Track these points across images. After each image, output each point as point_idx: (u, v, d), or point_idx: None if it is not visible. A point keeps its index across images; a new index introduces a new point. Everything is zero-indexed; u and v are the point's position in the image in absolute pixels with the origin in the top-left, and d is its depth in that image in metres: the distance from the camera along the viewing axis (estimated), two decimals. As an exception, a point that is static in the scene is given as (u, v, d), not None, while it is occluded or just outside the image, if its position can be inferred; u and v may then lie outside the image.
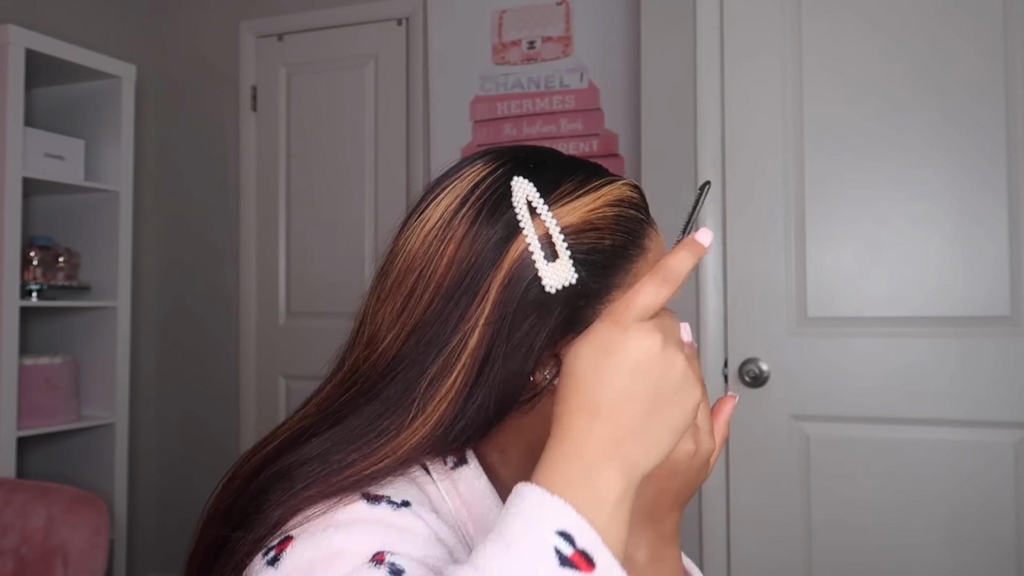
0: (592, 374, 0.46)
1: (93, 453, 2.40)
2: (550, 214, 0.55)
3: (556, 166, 0.59)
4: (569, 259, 0.54)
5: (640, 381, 0.46)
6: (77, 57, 2.27)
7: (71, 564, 1.59)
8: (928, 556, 1.64)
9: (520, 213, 0.55)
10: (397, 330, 0.56)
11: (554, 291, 0.54)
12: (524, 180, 0.56)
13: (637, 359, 0.46)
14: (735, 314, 1.77)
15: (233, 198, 2.75)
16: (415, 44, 2.52)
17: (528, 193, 0.55)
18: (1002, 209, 1.62)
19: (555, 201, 0.56)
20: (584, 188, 0.58)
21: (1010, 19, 1.62)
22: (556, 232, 0.55)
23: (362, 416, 0.55)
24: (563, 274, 0.54)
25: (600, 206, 0.57)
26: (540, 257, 0.54)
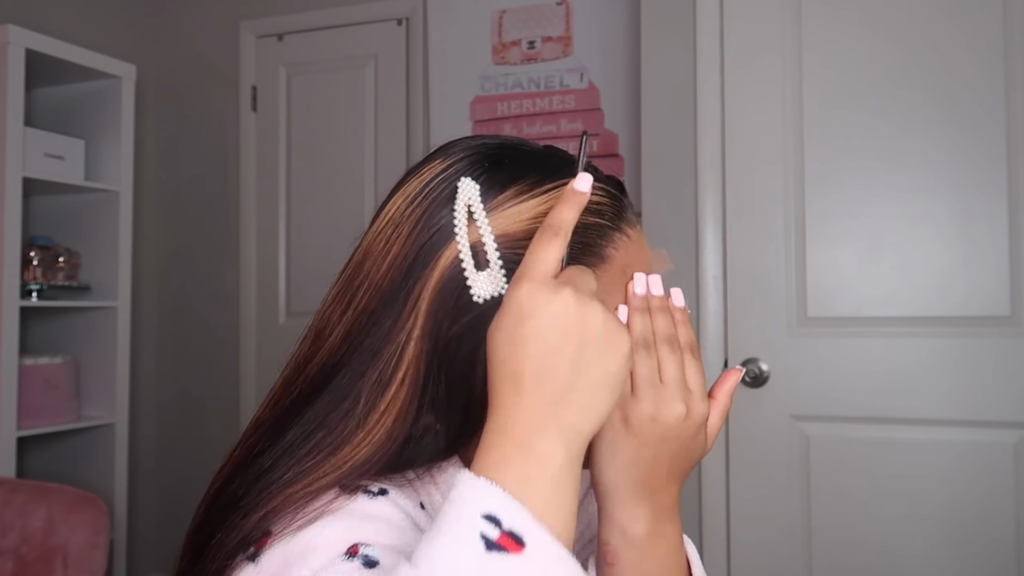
0: (509, 346, 0.45)
1: (93, 453, 2.40)
2: (486, 220, 0.52)
3: (512, 164, 0.55)
4: (500, 269, 0.52)
5: (558, 340, 0.44)
6: (77, 57, 2.27)
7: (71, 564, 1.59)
8: (928, 556, 1.64)
9: (458, 217, 0.53)
10: (340, 330, 0.55)
11: (482, 300, 0.52)
12: (470, 181, 0.54)
13: (550, 319, 0.45)
14: (735, 314, 1.77)
15: (233, 198, 2.75)
16: (415, 44, 2.52)
17: (470, 197, 0.53)
18: (1002, 209, 1.62)
19: (499, 205, 0.53)
20: (531, 192, 0.54)
21: (1010, 19, 1.62)
22: (489, 239, 0.52)
23: (300, 428, 0.53)
24: (492, 284, 0.52)
25: (544, 213, 0.53)
26: (470, 264, 0.52)
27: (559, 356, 0.44)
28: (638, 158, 2.04)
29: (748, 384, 1.75)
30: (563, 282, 0.46)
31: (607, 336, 0.46)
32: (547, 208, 0.53)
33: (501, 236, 0.52)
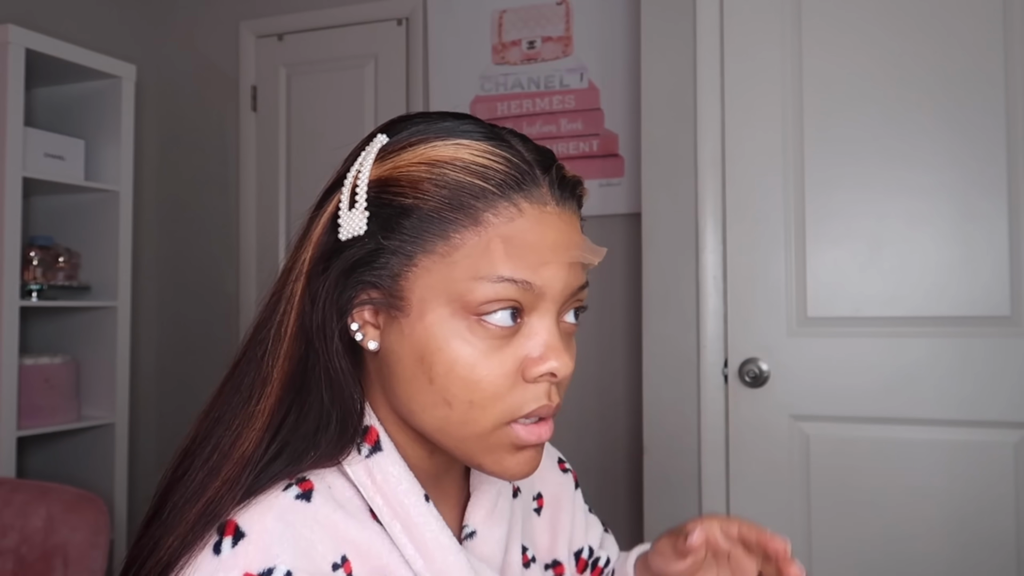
0: None
1: (93, 453, 2.40)
2: (368, 164, 0.55)
3: (423, 126, 0.57)
4: (365, 210, 0.54)
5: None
6: (77, 57, 2.27)
7: (71, 564, 1.59)
8: (928, 556, 1.64)
9: (355, 164, 0.56)
10: (273, 289, 0.59)
11: (344, 238, 0.54)
12: (383, 136, 0.57)
13: None
14: (735, 314, 1.77)
15: (233, 198, 2.75)
16: (415, 44, 2.52)
17: (373, 147, 0.56)
18: (1002, 209, 1.62)
19: (385, 155, 0.56)
20: (418, 144, 0.55)
21: (1010, 19, 1.62)
22: (363, 181, 0.55)
23: (237, 389, 0.58)
24: (354, 223, 0.54)
25: (415, 163, 0.54)
26: (345, 205, 0.55)
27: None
28: (638, 158, 2.04)
29: (748, 384, 1.75)
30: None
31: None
32: (419, 159, 0.54)
33: (373, 180, 0.55)
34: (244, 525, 0.50)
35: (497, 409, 0.54)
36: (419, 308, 0.53)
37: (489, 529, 0.62)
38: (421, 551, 0.55)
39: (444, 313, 0.53)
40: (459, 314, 0.53)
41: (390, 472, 0.55)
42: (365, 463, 0.56)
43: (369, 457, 0.56)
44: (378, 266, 0.54)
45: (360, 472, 0.55)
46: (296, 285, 0.56)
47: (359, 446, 0.56)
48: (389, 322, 0.55)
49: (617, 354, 2.23)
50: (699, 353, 1.80)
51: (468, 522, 0.62)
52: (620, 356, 2.22)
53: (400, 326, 0.54)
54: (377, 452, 0.56)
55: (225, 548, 0.49)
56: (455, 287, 0.52)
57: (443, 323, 0.53)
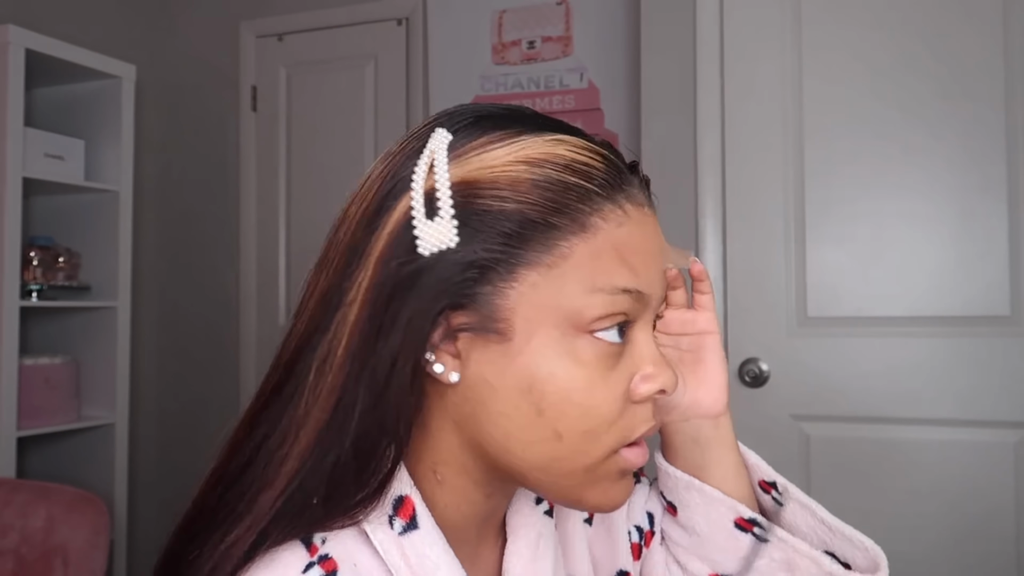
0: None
1: (93, 453, 2.40)
2: (446, 166, 0.46)
3: (497, 118, 0.49)
4: (452, 219, 0.45)
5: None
6: (77, 57, 2.27)
7: (71, 564, 1.59)
8: (928, 556, 1.64)
9: (419, 166, 0.47)
10: (316, 295, 0.49)
11: (427, 253, 0.45)
12: (443, 131, 0.48)
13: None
14: (735, 314, 1.77)
15: (233, 198, 2.75)
16: (415, 44, 2.52)
17: (438, 145, 0.47)
18: (1002, 209, 1.62)
19: (463, 154, 0.47)
20: (504, 141, 0.47)
21: (1011, 18, 1.62)
22: (443, 186, 0.46)
23: (279, 415, 0.48)
24: (440, 234, 0.45)
25: (511, 163, 0.46)
26: (420, 213, 0.45)
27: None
28: (638, 158, 2.04)
29: (748, 384, 1.75)
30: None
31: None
32: (515, 158, 0.47)
33: (459, 184, 0.46)
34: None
35: (611, 437, 0.48)
36: (524, 331, 0.46)
37: (533, 575, 0.55)
38: None
39: (554, 334, 0.46)
40: (570, 333, 0.46)
41: (426, 555, 0.48)
42: (398, 541, 0.48)
43: (403, 535, 0.48)
44: (470, 284, 0.46)
45: (392, 551, 0.47)
46: (349, 312, 0.46)
47: (392, 520, 0.48)
48: (479, 349, 0.47)
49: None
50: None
51: (508, 573, 0.55)
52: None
53: (497, 353, 0.46)
54: (413, 530, 0.48)
55: None
56: (567, 303, 0.46)
57: (554, 345, 0.46)
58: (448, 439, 0.50)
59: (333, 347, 0.47)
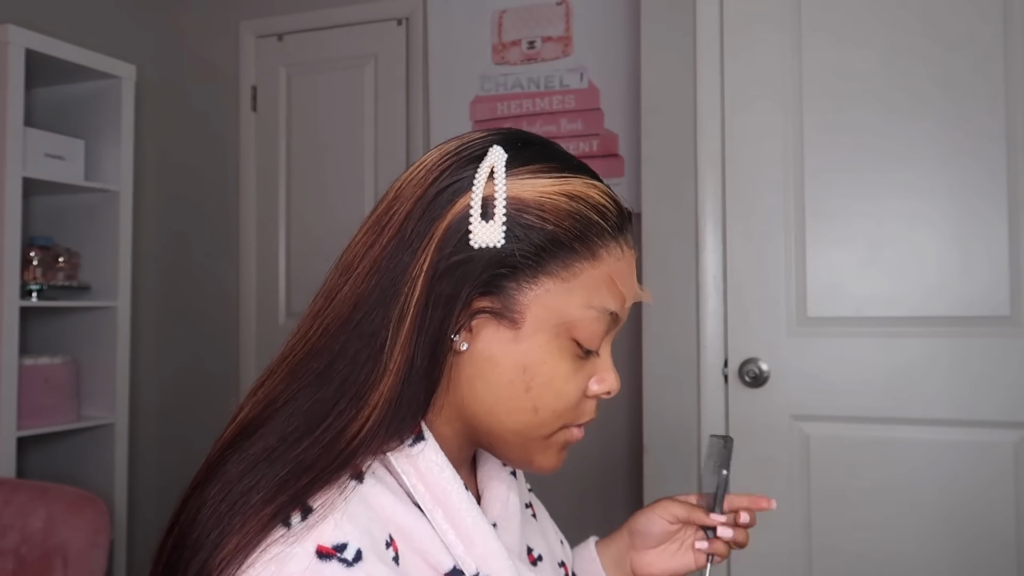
0: None
1: (93, 453, 2.40)
2: (504, 180, 0.57)
3: (543, 150, 0.61)
4: (503, 224, 0.56)
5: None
6: (77, 57, 2.27)
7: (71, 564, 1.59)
8: (928, 556, 1.64)
9: (479, 172, 0.57)
10: (366, 263, 0.58)
11: (476, 246, 0.56)
12: (499, 149, 0.59)
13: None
14: (735, 314, 1.77)
15: (233, 198, 2.75)
16: (415, 44, 2.52)
17: (496, 159, 0.58)
18: (1002, 208, 1.62)
19: (517, 174, 0.58)
20: (550, 173, 0.59)
21: (1010, 19, 1.62)
22: (501, 196, 0.57)
23: (343, 366, 0.56)
24: (490, 234, 0.56)
25: (555, 193, 0.58)
26: (477, 212, 0.56)
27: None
28: (638, 158, 2.04)
29: (748, 384, 1.75)
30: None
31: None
32: (560, 189, 0.58)
33: (512, 198, 0.57)
34: (310, 502, 0.52)
35: (567, 417, 0.61)
36: (532, 324, 0.58)
37: (507, 520, 0.65)
38: (462, 537, 0.57)
39: (551, 333, 0.58)
40: (562, 335, 0.59)
41: (433, 461, 0.58)
42: (408, 451, 0.57)
43: (412, 446, 0.58)
44: (500, 278, 0.57)
45: (403, 460, 0.57)
46: (415, 285, 0.56)
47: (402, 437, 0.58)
48: (491, 329, 0.58)
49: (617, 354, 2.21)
50: (699, 353, 1.80)
51: (488, 516, 0.64)
52: (620, 356, 2.21)
53: (506, 336, 0.58)
54: (420, 442, 0.58)
55: (295, 522, 0.51)
56: (568, 311, 0.58)
57: (551, 341, 0.58)
58: (445, 394, 0.60)
59: (404, 314, 0.56)
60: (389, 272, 0.57)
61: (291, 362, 0.59)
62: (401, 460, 0.57)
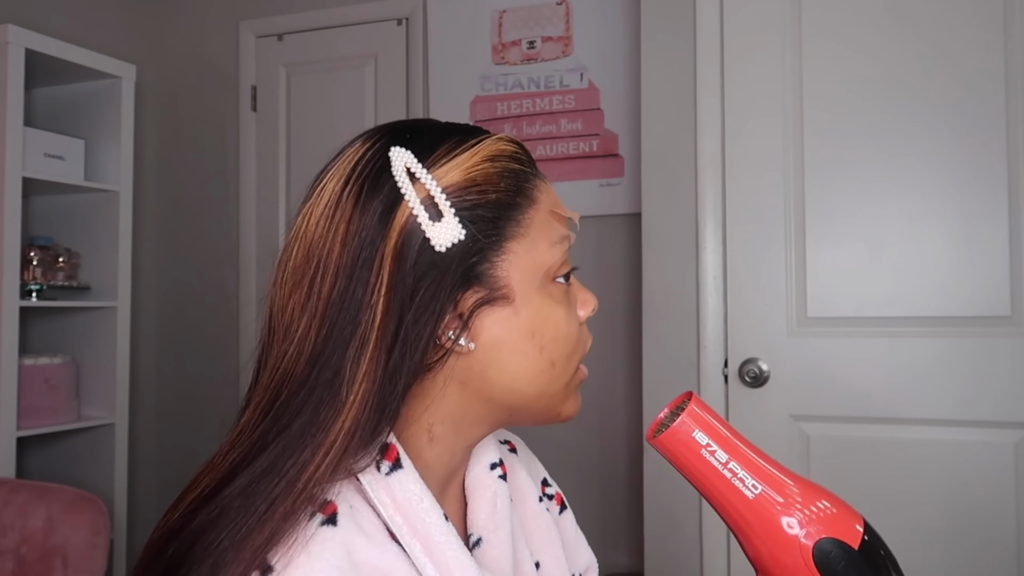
0: None
1: (93, 453, 2.40)
2: (429, 176, 0.56)
3: (431, 132, 0.60)
4: (454, 216, 0.55)
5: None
6: (77, 57, 2.27)
7: (71, 564, 1.59)
8: (928, 556, 1.64)
9: (400, 180, 0.56)
10: (308, 317, 0.55)
11: (443, 249, 0.55)
12: (401, 149, 0.57)
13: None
14: (735, 314, 1.77)
15: (233, 198, 2.75)
16: (415, 44, 2.52)
17: (406, 160, 0.56)
18: (1003, 208, 1.62)
19: (433, 163, 0.57)
20: (460, 148, 0.58)
21: (1010, 19, 1.62)
22: (438, 192, 0.56)
23: (305, 414, 0.53)
24: (450, 232, 0.55)
25: (478, 162, 0.58)
26: (425, 219, 0.55)
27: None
28: (638, 158, 2.04)
29: (748, 384, 1.75)
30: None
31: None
32: (479, 158, 0.58)
33: (447, 188, 0.56)
34: (269, 558, 0.50)
35: (577, 355, 0.62)
36: (521, 290, 0.58)
37: (494, 532, 0.63)
38: (442, 571, 0.55)
39: (537, 285, 0.59)
40: (546, 283, 0.60)
41: (411, 490, 0.55)
42: (385, 481, 0.55)
43: (389, 475, 0.55)
44: (474, 266, 0.57)
45: (380, 490, 0.55)
46: (374, 313, 0.54)
47: (378, 464, 0.55)
48: (489, 316, 0.57)
49: (617, 354, 2.23)
50: (699, 353, 1.80)
51: (472, 529, 0.63)
52: (620, 356, 2.22)
53: (505, 314, 0.58)
54: (397, 470, 0.56)
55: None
56: (541, 260, 0.59)
57: (541, 294, 0.59)
58: (452, 398, 0.59)
59: (364, 342, 0.54)
60: (344, 312, 0.54)
61: (247, 434, 0.55)
62: (379, 490, 0.55)
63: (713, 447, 0.57)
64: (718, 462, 0.57)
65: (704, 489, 0.59)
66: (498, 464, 0.67)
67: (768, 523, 0.58)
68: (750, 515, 0.58)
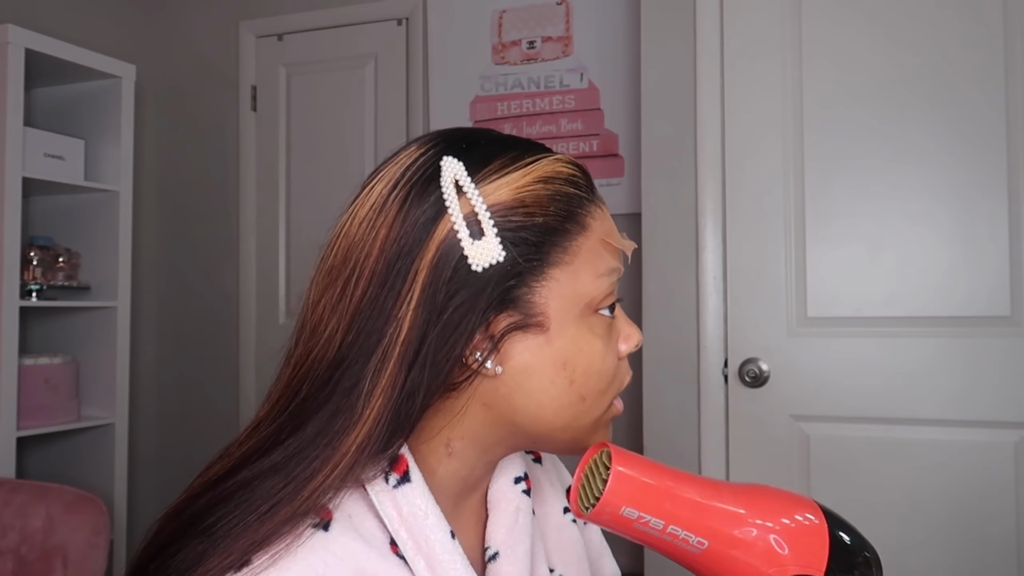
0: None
1: (93, 453, 2.40)
2: (476, 192, 0.54)
3: (489, 144, 0.58)
4: (496, 236, 0.53)
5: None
6: (77, 57, 2.27)
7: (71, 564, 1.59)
8: (928, 556, 1.64)
9: (447, 192, 0.54)
10: (337, 319, 0.54)
11: (480, 269, 0.53)
12: (453, 159, 0.55)
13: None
14: (735, 314, 1.77)
15: (233, 198, 2.75)
16: (415, 44, 2.52)
17: (456, 172, 0.54)
18: (1002, 208, 1.62)
19: (483, 179, 0.55)
20: (514, 165, 0.56)
21: (1010, 19, 1.62)
22: (482, 210, 0.54)
23: (320, 419, 0.53)
24: (490, 252, 0.53)
25: (530, 183, 0.56)
26: (465, 235, 0.53)
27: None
28: (638, 158, 2.04)
29: (748, 384, 1.75)
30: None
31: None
32: (531, 178, 0.56)
33: (493, 206, 0.54)
34: (253, 557, 0.50)
35: (612, 391, 0.60)
36: (557, 319, 0.56)
37: (511, 548, 0.62)
38: None
39: (576, 315, 0.56)
40: (586, 314, 0.57)
41: (417, 505, 0.54)
42: (392, 494, 0.54)
43: (397, 488, 0.54)
44: (511, 290, 0.54)
45: (386, 503, 0.54)
46: (400, 327, 0.53)
47: (387, 475, 0.55)
48: (520, 342, 0.55)
49: (617, 354, 2.22)
50: (699, 353, 1.80)
51: (490, 542, 0.62)
52: (620, 356, 2.22)
53: (538, 342, 0.55)
54: (405, 483, 0.55)
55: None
56: (584, 291, 0.56)
57: (579, 326, 0.56)
58: (474, 417, 0.57)
59: (387, 356, 0.53)
60: (371, 320, 0.53)
61: (264, 427, 0.55)
62: (385, 503, 0.54)
63: (646, 518, 0.52)
64: (655, 531, 0.53)
65: (654, 548, 0.55)
66: (523, 479, 0.65)
67: (731, 569, 0.54)
68: (708, 564, 0.54)
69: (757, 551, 0.52)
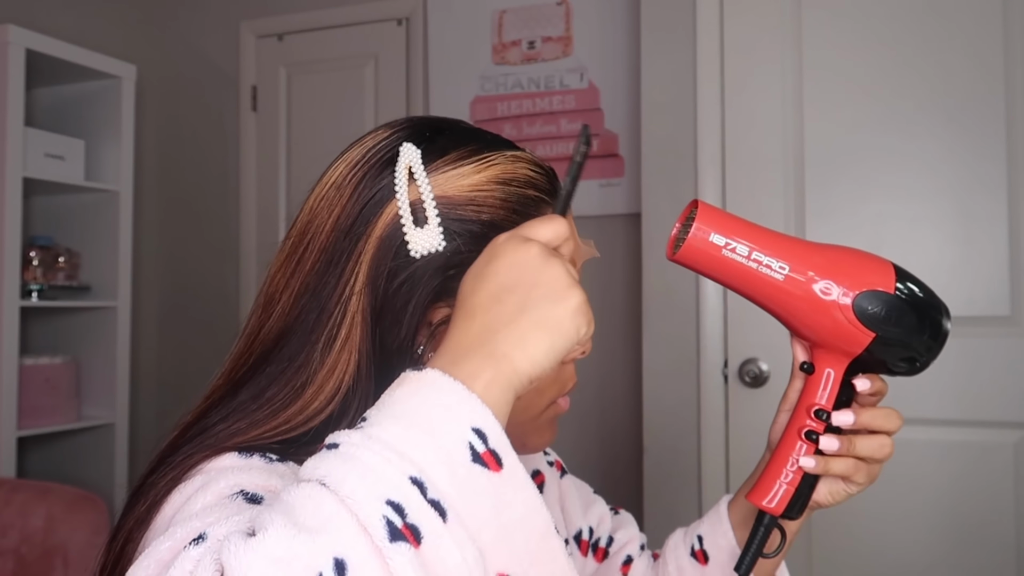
0: (472, 281, 0.48)
1: (93, 453, 2.40)
2: (427, 180, 0.55)
3: (453, 135, 0.58)
4: (439, 226, 0.54)
5: (512, 280, 0.46)
6: (77, 57, 2.27)
7: (71, 564, 1.59)
8: (928, 556, 1.64)
9: (398, 178, 0.55)
10: (288, 293, 0.56)
11: (418, 256, 0.54)
12: (411, 146, 0.56)
13: (512, 262, 0.47)
14: (735, 314, 1.77)
15: (233, 198, 2.75)
16: (415, 44, 2.52)
17: (411, 159, 0.55)
18: (1002, 208, 1.62)
19: (437, 169, 0.56)
20: (471, 158, 0.57)
21: (1010, 19, 1.62)
22: (429, 198, 0.54)
23: (252, 387, 0.55)
24: (429, 240, 0.54)
25: (484, 181, 0.56)
26: (409, 221, 0.54)
27: (509, 293, 0.46)
28: (638, 158, 2.04)
29: (748, 384, 1.75)
30: (533, 237, 0.48)
31: (558, 287, 0.47)
32: (487, 176, 0.56)
33: (441, 198, 0.55)
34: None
35: (552, 391, 0.60)
36: None
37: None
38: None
39: None
40: None
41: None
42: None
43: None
44: (450, 280, 0.54)
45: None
46: (348, 306, 0.54)
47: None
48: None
49: (617, 354, 2.23)
50: (699, 353, 1.80)
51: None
52: (620, 356, 2.22)
53: None
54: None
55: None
56: None
57: None
58: None
59: (332, 337, 0.54)
60: (315, 297, 0.55)
61: (213, 399, 0.59)
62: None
63: (732, 244, 0.59)
64: (741, 257, 0.59)
65: (735, 285, 0.60)
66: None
67: (804, 296, 0.59)
68: (785, 295, 0.59)
69: (833, 270, 0.59)
